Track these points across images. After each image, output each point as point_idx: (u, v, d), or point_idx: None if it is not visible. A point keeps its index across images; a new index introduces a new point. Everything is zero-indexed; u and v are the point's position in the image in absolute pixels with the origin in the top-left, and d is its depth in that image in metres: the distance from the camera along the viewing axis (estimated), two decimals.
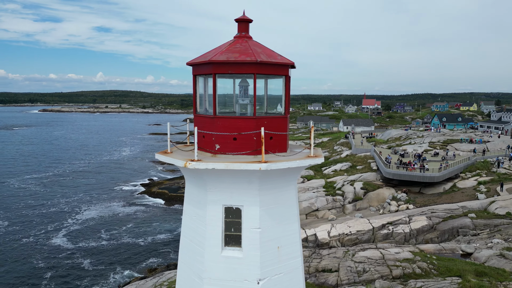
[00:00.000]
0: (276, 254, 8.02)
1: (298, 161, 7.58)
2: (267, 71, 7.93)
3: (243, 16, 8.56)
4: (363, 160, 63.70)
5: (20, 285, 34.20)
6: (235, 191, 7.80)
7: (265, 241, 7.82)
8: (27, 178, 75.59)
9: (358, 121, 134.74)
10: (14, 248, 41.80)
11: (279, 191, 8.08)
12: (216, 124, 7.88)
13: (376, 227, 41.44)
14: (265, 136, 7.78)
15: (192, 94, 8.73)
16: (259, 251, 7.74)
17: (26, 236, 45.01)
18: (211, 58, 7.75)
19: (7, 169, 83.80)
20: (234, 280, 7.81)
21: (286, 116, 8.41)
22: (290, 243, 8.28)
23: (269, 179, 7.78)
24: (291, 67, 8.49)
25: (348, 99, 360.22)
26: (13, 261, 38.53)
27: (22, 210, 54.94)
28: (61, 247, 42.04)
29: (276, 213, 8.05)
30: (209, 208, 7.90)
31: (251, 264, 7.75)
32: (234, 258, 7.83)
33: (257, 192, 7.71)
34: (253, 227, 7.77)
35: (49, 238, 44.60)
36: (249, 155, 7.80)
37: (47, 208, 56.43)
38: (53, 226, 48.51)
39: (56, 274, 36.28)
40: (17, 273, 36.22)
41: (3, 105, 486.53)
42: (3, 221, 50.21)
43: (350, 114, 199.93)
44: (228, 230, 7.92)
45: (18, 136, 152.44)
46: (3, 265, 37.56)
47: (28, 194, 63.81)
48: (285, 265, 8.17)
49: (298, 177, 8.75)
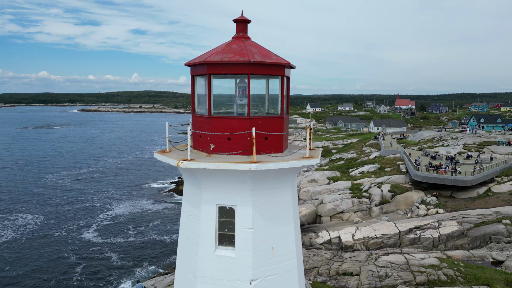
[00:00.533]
0: (270, 255, 7.99)
1: (291, 162, 7.53)
2: (262, 71, 7.92)
3: (241, 17, 8.59)
4: (392, 162, 61.95)
5: (53, 277, 35.91)
6: (229, 191, 7.85)
7: (258, 242, 7.81)
8: (64, 175, 79.25)
9: (390, 122, 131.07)
10: (48, 241, 43.96)
11: (273, 191, 8.05)
12: (210, 124, 7.96)
13: (402, 231, 40.20)
14: (260, 136, 7.77)
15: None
16: (251, 252, 7.75)
17: (60, 230, 47.23)
18: (206, 58, 7.85)
19: (46, 166, 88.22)
20: (227, 280, 7.87)
21: (282, 117, 8.36)
22: (285, 245, 8.23)
23: (263, 180, 7.76)
24: (288, 67, 8.43)
25: (381, 99, 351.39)
26: (47, 254, 40.52)
27: (57, 205, 57.66)
28: (91, 242, 43.77)
29: (270, 214, 8.02)
30: (203, 207, 8.00)
31: (243, 264, 7.78)
32: (227, 257, 7.88)
33: (250, 192, 7.72)
34: (246, 227, 7.79)
35: (80, 232, 46.57)
36: (243, 155, 7.83)
37: (80, 203, 58.90)
38: (85, 221, 50.58)
39: (86, 267, 37.80)
40: (50, 265, 38.07)
41: (45, 105, 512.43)
42: (39, 215, 52.92)
43: (382, 114, 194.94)
44: (221, 230, 7.99)
45: (57, 135, 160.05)
46: (38, 257, 39.58)
47: (64, 189, 66.90)
48: (279, 267, 8.13)
49: (295, 178, 8.64)
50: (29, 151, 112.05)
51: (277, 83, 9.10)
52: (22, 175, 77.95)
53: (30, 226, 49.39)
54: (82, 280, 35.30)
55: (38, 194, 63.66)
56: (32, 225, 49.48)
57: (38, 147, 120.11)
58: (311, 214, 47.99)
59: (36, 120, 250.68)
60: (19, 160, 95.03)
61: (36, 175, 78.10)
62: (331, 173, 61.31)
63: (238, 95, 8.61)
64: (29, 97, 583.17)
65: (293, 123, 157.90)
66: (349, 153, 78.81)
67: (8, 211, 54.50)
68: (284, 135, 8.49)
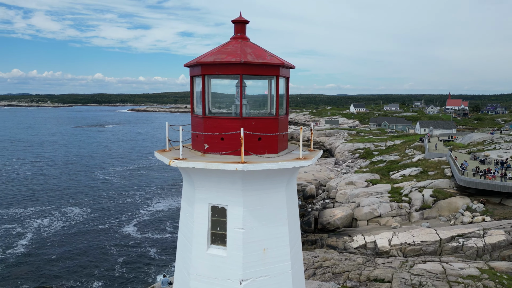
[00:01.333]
0: (261, 256, 7.96)
1: (280, 163, 7.44)
2: (255, 71, 7.90)
3: (239, 18, 8.62)
4: (436, 166, 58.87)
5: (95, 267, 38.08)
6: (221, 191, 7.92)
7: (248, 242, 7.81)
8: (111, 171, 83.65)
9: (438, 123, 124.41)
10: (92, 233, 46.66)
11: (265, 192, 8.00)
12: (205, 124, 8.08)
13: (444, 238, 38.15)
14: (252, 137, 7.77)
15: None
16: (242, 252, 7.76)
17: (103, 223, 49.95)
18: (200, 59, 7.97)
19: (96, 162, 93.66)
20: (218, 279, 7.94)
21: (277, 117, 8.28)
22: (278, 246, 8.15)
23: (253, 180, 7.75)
24: (285, 67, 8.34)
25: (431, 99, 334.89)
26: (90, 245, 43.03)
27: (103, 199, 61.02)
28: (131, 236, 45.84)
29: (262, 214, 7.98)
30: (196, 205, 8.13)
31: (234, 264, 7.81)
32: (219, 256, 7.95)
33: (240, 192, 7.74)
34: (236, 227, 7.82)
35: (121, 226, 48.94)
36: (235, 155, 7.86)
37: (124, 199, 61.86)
38: (126, 216, 53.07)
39: (125, 259, 39.68)
40: (92, 256, 40.38)
41: (99, 105, 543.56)
42: (86, 208, 56.28)
43: (430, 115, 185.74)
44: (214, 229, 8.07)
45: (108, 133, 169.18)
46: (82, 248, 42.14)
47: (110, 185, 70.66)
48: (272, 268, 8.07)
49: (291, 179, 8.48)
50: (82, 148, 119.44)
51: (283, 83, 9.05)
52: (74, 171, 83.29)
53: (77, 218, 52.68)
54: (122, 272, 37.10)
55: (87, 189, 67.72)
56: (79, 217, 52.73)
57: (90, 145, 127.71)
58: (347, 217, 46.87)
59: (90, 119, 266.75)
60: (72, 156, 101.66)
61: (87, 171, 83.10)
62: (370, 176, 59.45)
63: (236, 95, 8.66)
64: (85, 97, 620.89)
65: (335, 123, 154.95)
66: (391, 155, 75.97)
67: (60, 204, 58.48)
68: (280, 136, 8.40)
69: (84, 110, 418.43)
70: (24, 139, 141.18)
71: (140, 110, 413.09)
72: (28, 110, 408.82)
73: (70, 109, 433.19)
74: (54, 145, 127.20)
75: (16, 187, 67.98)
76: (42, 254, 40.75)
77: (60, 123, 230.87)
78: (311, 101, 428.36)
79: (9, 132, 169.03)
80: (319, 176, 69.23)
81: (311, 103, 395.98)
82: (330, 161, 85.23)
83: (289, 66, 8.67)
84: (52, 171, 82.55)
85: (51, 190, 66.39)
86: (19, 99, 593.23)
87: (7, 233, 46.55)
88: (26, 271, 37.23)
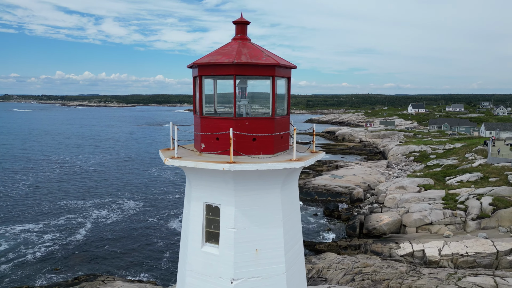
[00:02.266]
0: (254, 257, 7.94)
1: (270, 164, 7.38)
2: (248, 72, 7.91)
3: (240, 19, 8.68)
4: (499, 172, 54.11)
5: (143, 259, 40.20)
6: (215, 190, 8.03)
7: (240, 242, 7.84)
8: (165, 167, 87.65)
9: (506, 126, 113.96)
10: (142, 225, 49.32)
11: (258, 193, 7.97)
12: (201, 124, 8.24)
13: (501, 251, 35.06)
14: (247, 137, 7.79)
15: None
16: (233, 251, 7.81)
17: (152, 217, 52.59)
18: (196, 61, 8.14)
19: (152, 159, 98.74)
20: (211, 276, 8.06)
21: (273, 118, 8.21)
22: (272, 248, 8.07)
23: (245, 181, 7.76)
24: (283, 67, 8.24)
25: (501, 99, 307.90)
26: (139, 237, 45.50)
27: (155, 194, 64.27)
28: (177, 231, 47.72)
29: (255, 215, 7.96)
30: (193, 204, 8.32)
31: (226, 263, 7.88)
32: (212, 255, 8.07)
33: (232, 192, 7.79)
34: (229, 226, 7.88)
35: (168, 221, 51.14)
36: (229, 154, 7.91)
37: (174, 194, 64.59)
38: (174, 211, 55.37)
39: (171, 254, 41.42)
40: (140, 247, 42.67)
41: (159, 105, 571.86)
42: (139, 202, 59.62)
43: (499, 117, 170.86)
44: (208, 227, 8.21)
45: (165, 131, 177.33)
46: (131, 240, 44.68)
47: (162, 181, 74.21)
48: (265, 270, 8.02)
49: (289, 180, 8.32)
50: (141, 145, 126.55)
51: (283, 83, 8.97)
52: (132, 167, 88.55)
53: (131, 211, 55.99)
54: (167, 265, 38.82)
55: (142, 184, 71.73)
56: (133, 210, 56.01)
57: (148, 142, 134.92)
58: (394, 223, 44.77)
59: (149, 118, 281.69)
60: (131, 154, 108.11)
61: (143, 167, 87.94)
62: (423, 181, 56.20)
63: (238, 96, 8.72)
64: (147, 98, 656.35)
65: (390, 124, 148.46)
66: (448, 159, 71.14)
67: (117, 197, 62.53)
68: (278, 136, 8.30)
69: (145, 110, 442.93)
70: (91, 136, 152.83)
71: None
72: (96, 109, 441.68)
73: (133, 109, 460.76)
74: (117, 141, 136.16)
75: (81, 181, 73.84)
76: (97, 243, 43.89)
77: (123, 121, 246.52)
78: (367, 101, 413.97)
79: (78, 129, 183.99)
80: (369, 179, 66.84)
81: (367, 103, 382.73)
82: (382, 164, 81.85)
83: (288, 66, 8.54)
84: (112, 166, 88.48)
85: (111, 184, 71.24)
86: (89, 99, 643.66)
87: (70, 222, 50.74)
88: (82, 257, 40.33)
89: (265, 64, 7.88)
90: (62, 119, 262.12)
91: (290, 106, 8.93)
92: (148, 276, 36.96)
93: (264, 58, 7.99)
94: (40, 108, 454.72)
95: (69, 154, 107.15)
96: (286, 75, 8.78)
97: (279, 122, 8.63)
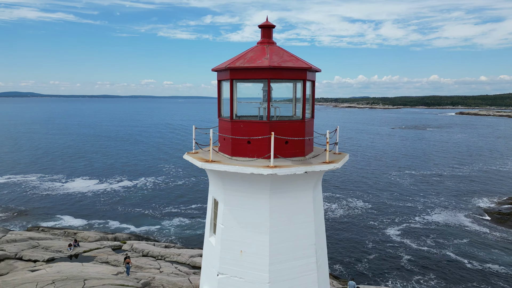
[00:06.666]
0: (238, 258, 8.07)
1: (238, 167, 7.36)
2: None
3: (265, 22, 8.68)
4: None
5: (346, 255, 41.08)
6: (217, 187, 8.65)
7: (226, 239, 8.17)
8: (406, 173, 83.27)
9: None
10: (362, 224, 49.79)
11: (246, 195, 7.97)
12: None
13: None
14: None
15: None
16: (220, 246, 8.26)
17: (374, 219, 51.97)
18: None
19: (399, 162, 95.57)
20: (210, 264, 8.77)
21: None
22: (257, 253, 7.88)
23: (232, 181, 8.01)
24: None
25: None
26: (352, 235, 46.31)
27: (385, 198, 62.78)
28: (390, 238, 45.39)
29: (242, 216, 8.02)
30: (209, 197, 9.19)
31: (215, 255, 8.41)
32: (212, 245, 8.76)
33: (222, 190, 8.22)
34: (220, 222, 8.35)
35: (387, 226, 49.17)
36: (225, 154, 8.29)
37: (405, 202, 60.93)
38: (398, 218, 52.57)
39: (375, 258, 40.30)
40: (348, 245, 43.50)
41: (426, 107, 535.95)
42: (368, 203, 59.98)
43: None
44: (215, 220, 8.88)
45: (426, 136, 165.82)
46: (345, 235, 46.05)
47: (397, 186, 71.11)
48: (248, 273, 7.97)
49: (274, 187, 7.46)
50: (398, 147, 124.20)
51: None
52: (382, 166, 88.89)
53: (357, 210, 57.41)
54: (367, 266, 38.22)
55: (373, 185, 71.43)
56: (359, 210, 57.27)
57: (398, 145, 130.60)
58: None
59: (411, 121, 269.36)
60: (383, 154, 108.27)
61: (382, 169, 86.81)
62: None
63: (262, 99, 8.84)
64: (415, 100, 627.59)
65: None
66: None
67: (347, 195, 65.24)
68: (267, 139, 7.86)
69: (410, 112, 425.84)
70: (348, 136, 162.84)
71: (470, 113, 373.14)
72: (362, 111, 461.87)
73: (397, 111, 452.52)
74: (371, 142, 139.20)
75: (326, 176, 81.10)
76: None
77: (382, 123, 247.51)
78: None
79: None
80: None
81: None
82: None
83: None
84: (347, 166, 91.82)
85: (341, 183, 74.74)
86: (358, 101, 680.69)
87: None
88: None
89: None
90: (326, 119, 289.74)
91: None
92: (338, 272, 37.77)
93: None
94: (316, 109, 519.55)
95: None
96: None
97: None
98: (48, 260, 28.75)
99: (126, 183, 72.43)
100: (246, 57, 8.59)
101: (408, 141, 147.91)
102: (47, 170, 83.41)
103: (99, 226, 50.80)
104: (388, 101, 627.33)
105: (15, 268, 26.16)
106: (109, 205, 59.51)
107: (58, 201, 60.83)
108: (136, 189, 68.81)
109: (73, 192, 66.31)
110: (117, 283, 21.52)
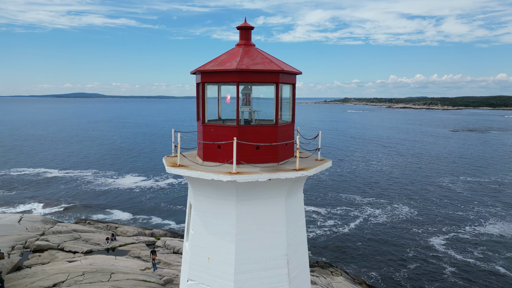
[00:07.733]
0: (206, 265, 7.88)
1: (200, 172, 7.17)
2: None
3: (243, 24, 8.40)
4: None
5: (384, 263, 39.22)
6: (190, 192, 8.52)
7: (194, 245, 8.02)
8: (460, 179, 77.77)
9: None
10: (403, 233, 47.21)
11: (213, 201, 7.76)
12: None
13: None
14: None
15: None
16: (190, 251, 8.13)
17: (417, 227, 49.09)
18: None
19: (450, 168, 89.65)
20: (183, 269, 8.67)
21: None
22: (223, 261, 7.63)
23: (201, 187, 7.84)
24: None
25: None
26: (394, 242, 44.05)
27: (433, 205, 59.15)
28: (433, 247, 42.65)
29: (210, 222, 7.82)
30: (187, 202, 9.08)
31: (186, 261, 8.28)
32: (186, 250, 8.65)
33: (193, 195, 8.08)
34: (190, 227, 8.21)
35: (431, 235, 46.21)
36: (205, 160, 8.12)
37: (455, 210, 56.92)
38: (446, 227, 49.26)
39: (415, 268, 38.10)
40: (389, 252, 41.45)
41: (491, 108, 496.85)
42: (414, 210, 56.83)
43: None
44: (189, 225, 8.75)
45: (486, 139, 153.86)
46: (386, 242, 43.95)
47: (448, 193, 66.58)
48: (215, 281, 7.76)
49: (242, 194, 7.05)
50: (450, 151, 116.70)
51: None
52: (422, 172, 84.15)
53: (401, 215, 54.71)
54: (406, 277, 36.27)
55: (425, 191, 67.48)
56: (403, 215, 54.56)
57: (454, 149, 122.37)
58: None
59: (472, 123, 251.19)
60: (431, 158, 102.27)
61: (433, 174, 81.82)
62: None
63: (242, 103, 8.59)
64: (478, 100, 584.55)
65: None
66: None
67: (394, 200, 62.33)
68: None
69: (471, 113, 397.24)
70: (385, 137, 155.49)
71: None
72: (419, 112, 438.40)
73: (457, 112, 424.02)
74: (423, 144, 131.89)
75: (374, 179, 78.02)
76: (356, 236, 46.40)
77: (437, 125, 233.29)
78: None
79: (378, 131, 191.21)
80: None
81: None
82: None
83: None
84: (397, 170, 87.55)
85: (388, 187, 71.42)
86: (414, 102, 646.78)
87: (347, 214, 55.67)
88: (333, 246, 43.92)
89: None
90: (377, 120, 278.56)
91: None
92: (378, 279, 36.07)
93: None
94: (368, 109, 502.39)
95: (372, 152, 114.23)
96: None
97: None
98: (86, 252, 30.58)
99: (171, 181, 75.04)
100: (218, 59, 8.40)
101: (466, 144, 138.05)
102: (101, 167, 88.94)
103: (143, 221, 53.06)
104: (448, 102, 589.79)
105: (56, 258, 28.12)
106: (154, 201, 62.05)
107: (108, 196, 64.54)
108: (181, 186, 71.05)
109: (122, 188, 70.01)
110: (140, 278, 22.32)
